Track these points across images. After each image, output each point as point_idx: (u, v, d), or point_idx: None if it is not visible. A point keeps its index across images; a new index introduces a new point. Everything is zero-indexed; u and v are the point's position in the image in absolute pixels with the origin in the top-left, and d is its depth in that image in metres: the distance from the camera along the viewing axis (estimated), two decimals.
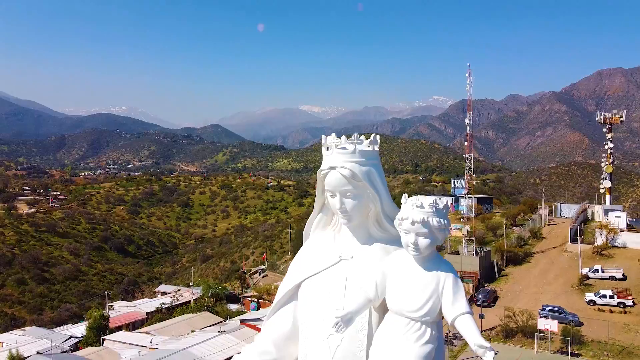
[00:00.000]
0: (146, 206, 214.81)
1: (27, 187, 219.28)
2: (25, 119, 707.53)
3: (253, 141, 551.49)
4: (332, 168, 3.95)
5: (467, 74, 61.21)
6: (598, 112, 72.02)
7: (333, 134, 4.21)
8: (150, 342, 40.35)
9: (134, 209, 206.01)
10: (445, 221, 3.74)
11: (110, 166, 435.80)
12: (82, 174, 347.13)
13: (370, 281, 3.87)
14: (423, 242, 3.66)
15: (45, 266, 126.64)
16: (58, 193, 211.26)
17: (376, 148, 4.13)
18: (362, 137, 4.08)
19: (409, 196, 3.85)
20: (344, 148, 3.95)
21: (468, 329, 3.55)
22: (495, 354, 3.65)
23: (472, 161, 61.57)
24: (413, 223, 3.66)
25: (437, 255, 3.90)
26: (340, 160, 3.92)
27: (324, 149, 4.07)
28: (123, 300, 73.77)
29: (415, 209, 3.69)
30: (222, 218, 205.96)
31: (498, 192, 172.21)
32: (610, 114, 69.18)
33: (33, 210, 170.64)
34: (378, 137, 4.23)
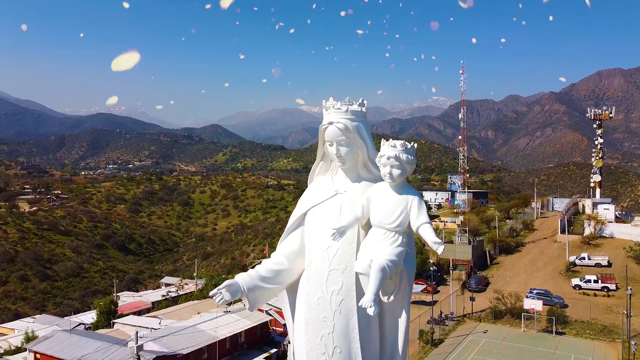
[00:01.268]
0: (147, 205, 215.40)
1: (28, 186, 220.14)
2: (25, 118, 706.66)
3: (253, 141, 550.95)
4: (330, 123, 5.22)
5: (460, 71, 63.61)
6: (588, 109, 74.19)
7: (331, 98, 5.42)
8: (159, 323, 42.31)
9: (134, 208, 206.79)
10: (411, 157, 5.01)
11: (110, 166, 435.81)
12: (82, 173, 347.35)
13: (358, 204, 5.22)
14: (395, 172, 4.97)
15: (47, 263, 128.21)
16: (59, 192, 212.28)
17: (364, 109, 5.38)
18: (353, 100, 5.34)
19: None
20: (339, 108, 5.22)
21: (427, 233, 4.78)
22: (446, 243, 5.63)
23: (465, 154, 63.58)
24: (388, 158, 4.96)
25: (407, 184, 5.20)
26: (336, 117, 5.22)
27: (324, 110, 5.37)
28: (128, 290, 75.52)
29: (390, 148, 4.99)
30: (222, 217, 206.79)
31: (497, 192, 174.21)
32: (600, 111, 71.48)
33: (35, 208, 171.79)
34: (365, 100, 5.83)
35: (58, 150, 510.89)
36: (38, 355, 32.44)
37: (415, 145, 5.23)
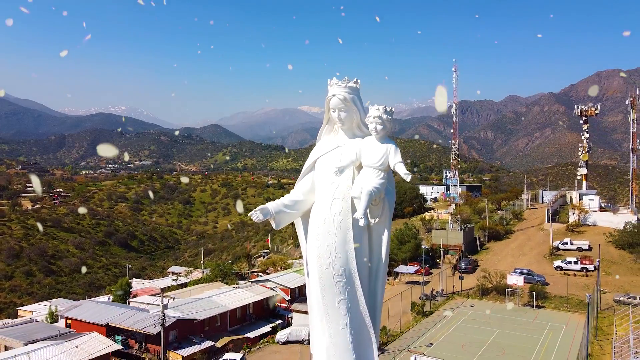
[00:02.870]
0: (148, 203, 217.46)
1: (30, 185, 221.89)
2: (25, 118, 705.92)
3: (253, 141, 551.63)
4: (334, 95, 6.95)
5: (453, 69, 67.29)
6: (575, 106, 77.96)
7: (334, 77, 7.42)
8: (174, 299, 45.54)
9: (135, 206, 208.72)
10: (390, 117, 7.11)
11: (110, 165, 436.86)
12: (83, 172, 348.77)
13: (353, 152, 7.30)
14: (379, 127, 7.06)
15: (52, 259, 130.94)
16: (61, 190, 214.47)
17: (358, 85, 7.40)
18: (350, 79, 7.43)
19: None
20: (340, 85, 7.22)
21: (400, 168, 6.80)
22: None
23: (457, 147, 67.20)
24: (374, 117, 7.01)
25: (387, 137, 7.30)
26: (338, 91, 6.99)
27: (329, 86, 7.38)
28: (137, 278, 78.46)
29: (375, 110, 7.06)
30: (223, 215, 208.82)
31: (494, 191, 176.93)
32: (586, 107, 75.27)
33: (38, 206, 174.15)
34: (359, 80, 7.82)
35: (58, 149, 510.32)
36: (69, 321, 35.85)
37: (394, 109, 7.42)
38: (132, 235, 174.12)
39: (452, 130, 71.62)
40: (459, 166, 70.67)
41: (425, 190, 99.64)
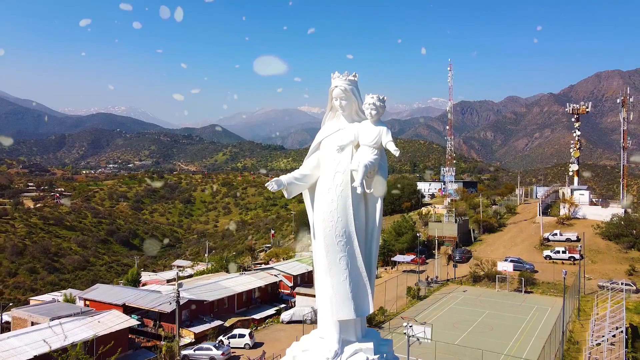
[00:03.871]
0: (148, 202, 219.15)
1: (31, 184, 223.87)
2: (25, 118, 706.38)
3: (253, 141, 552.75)
4: (336, 86, 7.82)
5: (448, 68, 69.76)
6: (568, 104, 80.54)
7: (336, 72, 8.38)
8: (182, 286, 47.96)
9: (136, 206, 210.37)
10: (383, 104, 8.18)
11: (111, 165, 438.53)
12: (83, 172, 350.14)
13: (351, 133, 8.48)
14: (373, 112, 8.18)
15: (55, 256, 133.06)
16: (62, 190, 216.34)
17: (356, 78, 8.48)
18: (349, 73, 8.44)
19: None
20: (341, 77, 8.17)
21: (390, 146, 7.87)
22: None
23: (452, 143, 69.77)
24: (369, 104, 8.15)
25: (380, 120, 8.39)
26: (339, 82, 7.88)
27: (332, 79, 8.34)
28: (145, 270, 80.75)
29: (370, 98, 8.14)
30: (224, 214, 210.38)
31: (493, 190, 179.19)
32: (577, 106, 77.89)
33: (40, 205, 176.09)
34: (357, 74, 9.07)
35: (58, 149, 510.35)
36: (87, 302, 38.28)
37: (386, 97, 8.59)
38: (134, 233, 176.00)
39: (447, 127, 74.13)
40: (454, 161, 73.06)
41: (422, 186, 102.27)
